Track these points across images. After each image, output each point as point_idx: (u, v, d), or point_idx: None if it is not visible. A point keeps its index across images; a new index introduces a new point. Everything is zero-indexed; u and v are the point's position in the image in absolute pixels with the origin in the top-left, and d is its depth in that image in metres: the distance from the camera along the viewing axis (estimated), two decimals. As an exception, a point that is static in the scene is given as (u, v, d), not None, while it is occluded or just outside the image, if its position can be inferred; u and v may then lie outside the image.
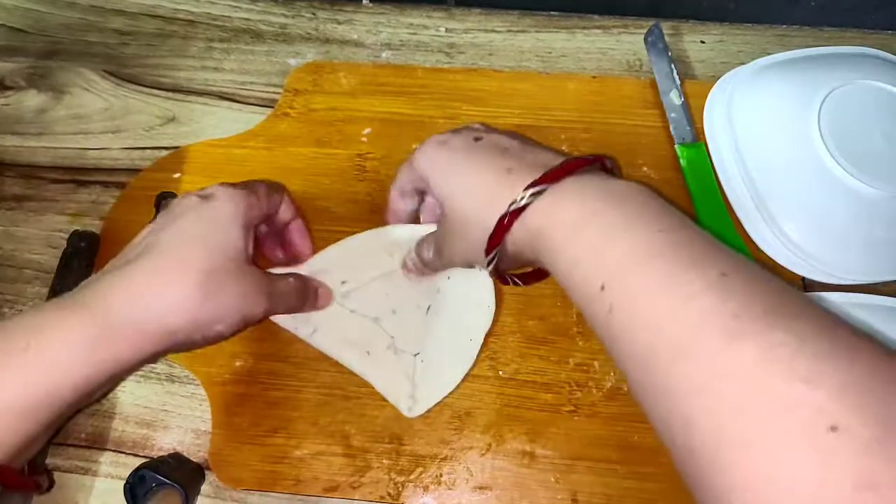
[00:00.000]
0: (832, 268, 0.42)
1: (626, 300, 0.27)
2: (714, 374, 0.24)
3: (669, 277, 0.27)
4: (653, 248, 0.28)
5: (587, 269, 0.29)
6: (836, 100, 0.44)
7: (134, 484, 0.38)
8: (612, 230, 0.29)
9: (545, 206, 0.31)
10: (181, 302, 0.33)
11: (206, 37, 0.55)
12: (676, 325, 0.25)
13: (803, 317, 0.24)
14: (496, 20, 0.55)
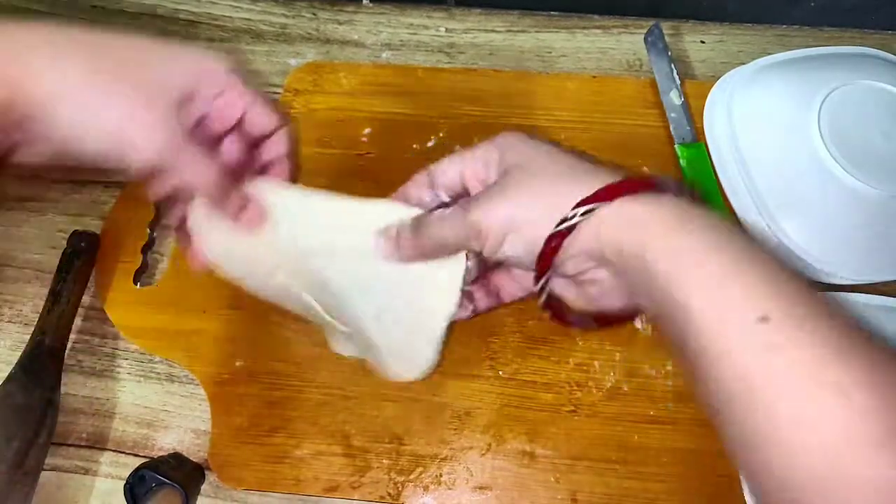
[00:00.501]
0: (832, 268, 0.42)
1: (798, 340, 0.24)
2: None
3: (835, 321, 0.24)
4: (805, 287, 0.25)
5: (740, 293, 0.25)
6: (836, 100, 0.44)
7: (134, 484, 0.38)
8: (748, 256, 0.26)
9: (638, 206, 0.27)
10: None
11: (207, 37, 0.55)
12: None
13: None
14: (496, 20, 0.56)
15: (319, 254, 0.34)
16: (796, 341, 0.24)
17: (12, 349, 0.45)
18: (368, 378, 0.42)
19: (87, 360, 0.44)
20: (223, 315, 0.44)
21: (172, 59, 0.31)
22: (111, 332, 0.45)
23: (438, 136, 0.49)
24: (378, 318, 0.34)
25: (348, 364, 0.42)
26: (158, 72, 0.31)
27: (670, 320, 0.26)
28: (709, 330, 0.25)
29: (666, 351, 0.41)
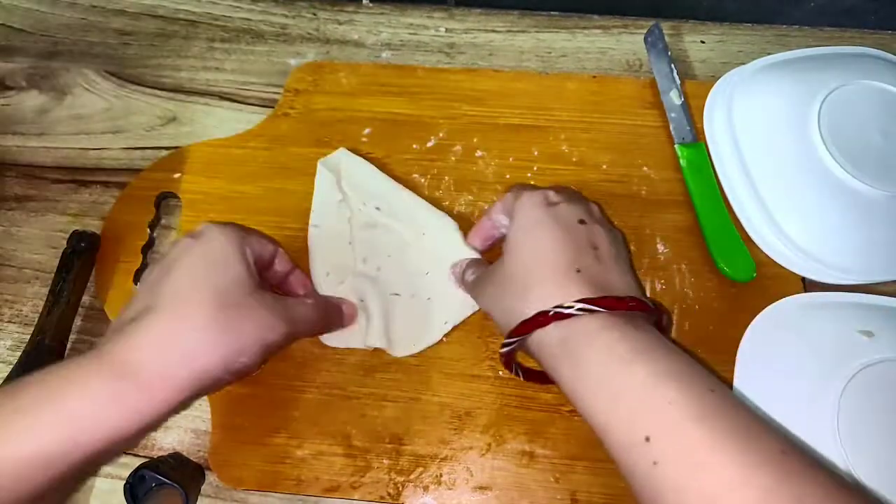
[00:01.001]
0: (832, 268, 0.42)
1: (676, 459, 0.27)
2: None
3: (728, 442, 0.26)
4: (707, 408, 0.27)
5: (630, 411, 0.28)
6: (836, 100, 0.44)
7: (134, 484, 0.38)
8: (659, 374, 0.29)
9: (593, 328, 0.31)
10: (203, 343, 0.33)
11: (207, 37, 0.55)
12: (735, 502, 0.25)
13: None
14: (496, 20, 0.56)
15: (377, 226, 0.45)
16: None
17: (12, 349, 0.45)
18: (369, 378, 0.42)
19: (88, 360, 0.44)
20: (223, 315, 0.44)
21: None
22: (111, 332, 0.45)
23: (438, 136, 0.49)
24: (410, 296, 0.43)
25: (349, 364, 0.42)
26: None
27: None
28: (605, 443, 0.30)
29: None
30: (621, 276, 0.35)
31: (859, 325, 0.39)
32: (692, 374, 0.29)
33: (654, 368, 0.29)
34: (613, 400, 0.29)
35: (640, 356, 0.30)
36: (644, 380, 0.29)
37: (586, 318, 0.31)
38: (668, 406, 0.28)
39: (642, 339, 0.31)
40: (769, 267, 0.44)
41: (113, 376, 0.31)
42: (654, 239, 0.45)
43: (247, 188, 0.47)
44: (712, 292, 0.44)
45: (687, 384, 0.28)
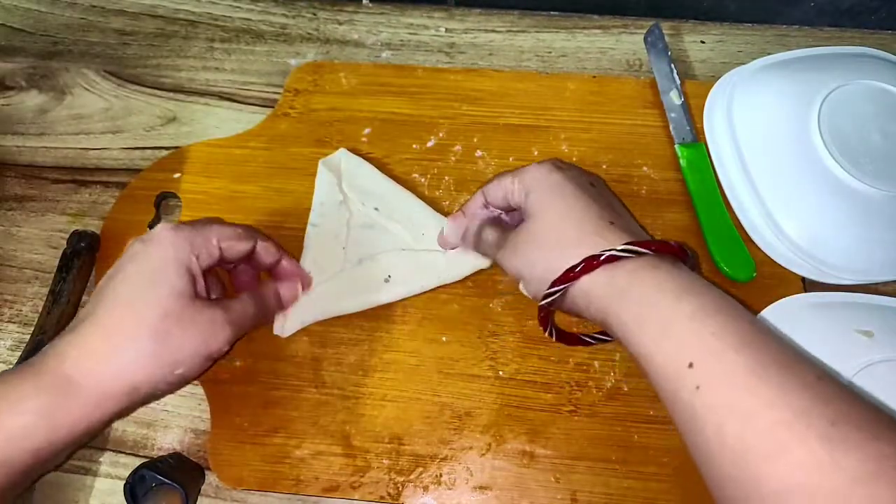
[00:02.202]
0: (832, 268, 0.42)
1: (717, 382, 0.28)
2: (811, 480, 0.24)
3: (765, 369, 0.27)
4: (747, 336, 0.29)
5: (676, 341, 0.30)
6: (836, 100, 0.44)
7: (134, 484, 0.38)
8: (705, 308, 0.30)
9: (639, 268, 0.33)
10: (137, 357, 0.33)
11: (206, 37, 0.55)
12: (771, 419, 0.26)
13: (891, 427, 0.25)
14: (496, 20, 0.56)
15: (375, 227, 0.45)
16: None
17: (12, 349, 0.45)
18: (368, 378, 0.42)
19: (87, 360, 0.44)
20: (223, 315, 0.44)
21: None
22: (111, 332, 0.45)
23: (438, 136, 0.49)
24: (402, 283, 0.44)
25: (348, 364, 0.42)
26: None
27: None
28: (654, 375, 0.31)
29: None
30: (640, 229, 0.37)
31: (859, 325, 0.39)
32: (733, 309, 0.30)
33: (699, 303, 0.31)
34: (662, 331, 0.31)
35: (686, 293, 0.31)
36: (691, 313, 0.30)
37: (633, 260, 0.33)
38: (710, 336, 0.29)
39: (686, 278, 0.32)
40: (769, 267, 0.44)
41: (45, 391, 0.31)
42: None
43: (247, 188, 0.47)
44: (712, 292, 0.44)
45: (728, 318, 0.30)
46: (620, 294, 0.33)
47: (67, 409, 0.31)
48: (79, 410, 0.32)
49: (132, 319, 0.33)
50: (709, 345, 0.29)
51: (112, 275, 0.35)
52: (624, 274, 0.33)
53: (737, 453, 0.27)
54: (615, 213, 0.36)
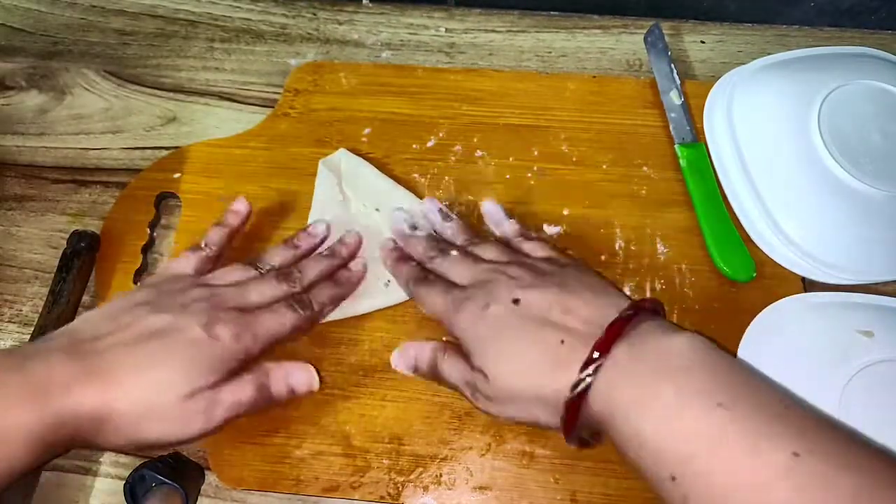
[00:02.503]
0: (832, 268, 0.42)
1: (700, 492, 0.27)
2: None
3: (740, 464, 0.27)
4: (717, 431, 0.28)
5: (655, 456, 0.29)
6: (836, 100, 0.44)
7: (134, 484, 0.38)
8: (671, 410, 0.29)
9: (606, 384, 0.31)
10: (161, 429, 0.34)
11: (206, 37, 0.55)
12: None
13: (870, 489, 0.25)
14: (496, 20, 0.56)
15: (375, 228, 0.45)
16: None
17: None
18: (369, 378, 0.42)
19: (87, 360, 0.44)
20: (223, 315, 0.44)
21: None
22: (111, 332, 0.45)
23: (438, 136, 0.49)
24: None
25: (348, 364, 0.42)
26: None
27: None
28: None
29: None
30: (588, 300, 0.34)
31: (859, 325, 0.39)
32: (698, 397, 0.29)
33: (661, 405, 0.29)
34: (638, 446, 0.30)
35: (639, 407, 0.30)
36: (656, 423, 0.29)
37: (599, 378, 0.31)
38: (684, 444, 0.28)
39: (647, 370, 0.31)
40: (769, 267, 0.44)
41: (54, 429, 0.31)
42: (654, 239, 0.45)
43: (247, 188, 0.47)
44: (712, 292, 0.44)
45: (698, 406, 0.29)
46: (593, 412, 0.32)
47: (63, 443, 0.32)
48: (72, 445, 0.33)
49: (167, 392, 0.34)
50: (684, 454, 0.28)
51: (147, 330, 0.35)
52: (596, 395, 0.31)
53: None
54: (555, 320, 0.34)
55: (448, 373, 0.37)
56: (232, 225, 0.43)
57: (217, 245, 0.42)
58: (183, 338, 0.35)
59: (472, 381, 0.36)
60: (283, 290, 0.40)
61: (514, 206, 0.46)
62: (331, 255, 0.43)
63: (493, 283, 0.36)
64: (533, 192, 0.47)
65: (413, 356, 0.40)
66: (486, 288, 0.36)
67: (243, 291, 0.39)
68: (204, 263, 0.41)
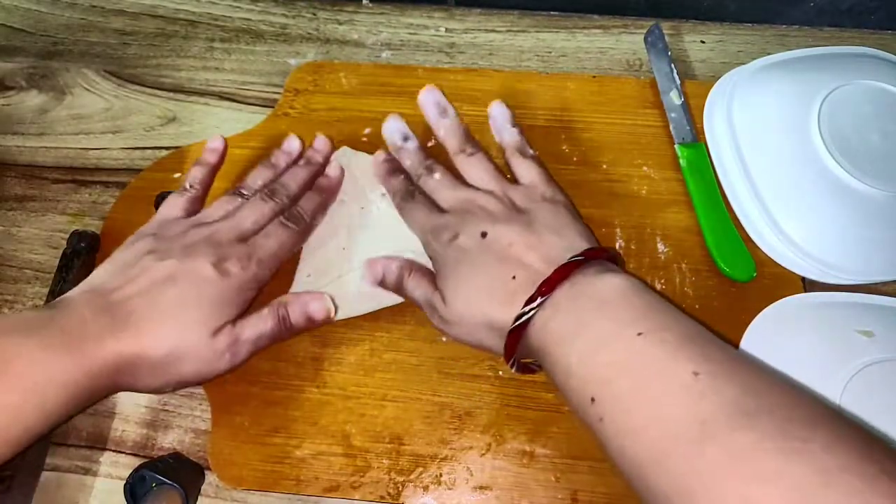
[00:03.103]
0: (832, 268, 0.42)
1: (613, 411, 0.30)
2: (687, 477, 0.26)
3: (647, 384, 0.29)
4: (631, 356, 0.30)
5: (578, 382, 0.32)
6: (836, 100, 0.44)
7: (134, 484, 0.38)
8: (597, 341, 0.32)
9: (544, 318, 0.34)
10: (194, 367, 0.36)
11: (206, 37, 0.55)
12: (656, 432, 0.28)
13: (770, 412, 0.26)
14: (496, 20, 0.56)
15: (375, 227, 0.45)
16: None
17: (12, 349, 0.45)
18: (369, 378, 0.42)
19: (87, 360, 0.44)
20: (223, 315, 0.44)
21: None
22: (111, 332, 0.45)
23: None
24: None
25: (348, 364, 0.42)
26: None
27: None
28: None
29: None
30: (550, 241, 0.37)
31: (859, 325, 0.39)
32: (622, 329, 0.32)
33: (595, 335, 0.32)
34: (566, 372, 0.33)
35: (570, 339, 0.33)
36: (584, 349, 0.32)
37: (541, 313, 0.34)
38: (604, 367, 0.31)
39: (582, 307, 0.33)
40: (769, 267, 0.44)
41: (90, 377, 0.34)
42: (654, 239, 0.45)
43: (247, 188, 0.47)
44: (712, 292, 0.44)
45: (616, 340, 0.31)
46: (531, 342, 0.35)
47: (98, 390, 0.35)
48: (107, 391, 0.36)
49: (197, 330, 0.37)
50: (603, 377, 0.31)
51: (164, 274, 0.37)
52: (535, 327, 0.34)
53: (633, 468, 0.29)
54: (515, 256, 0.36)
55: (412, 289, 0.40)
56: (210, 162, 0.45)
57: (200, 183, 0.44)
58: (195, 279, 0.37)
59: (432, 300, 0.39)
60: (271, 208, 0.42)
61: (515, 206, 0.46)
62: (307, 163, 0.45)
63: (468, 215, 0.39)
64: (533, 192, 0.47)
65: (381, 270, 0.41)
66: (460, 217, 0.39)
67: (238, 221, 0.41)
68: (192, 204, 0.43)
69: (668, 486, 0.27)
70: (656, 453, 0.27)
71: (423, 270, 0.41)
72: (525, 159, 0.43)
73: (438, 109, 0.45)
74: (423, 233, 0.41)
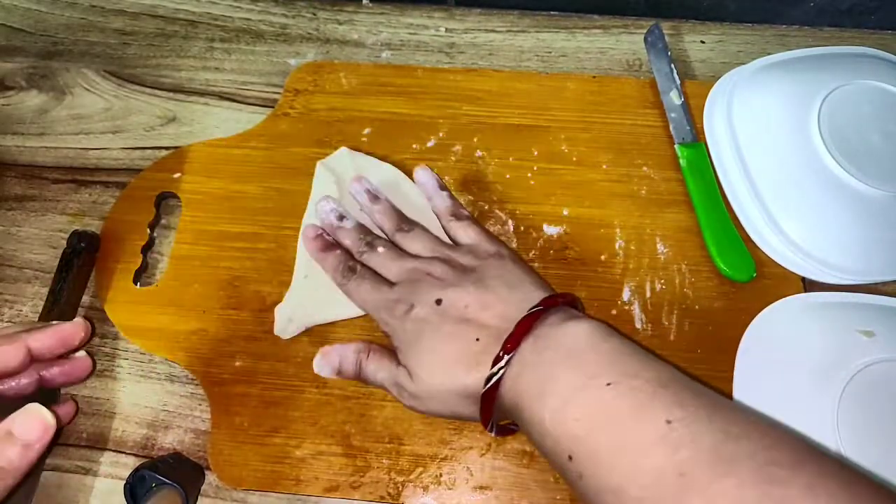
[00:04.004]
0: (832, 268, 0.42)
1: (591, 468, 0.29)
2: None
3: (622, 438, 0.29)
4: (604, 408, 0.30)
5: (552, 440, 0.31)
6: (836, 100, 0.44)
7: (134, 484, 0.38)
8: (567, 396, 0.31)
9: (512, 376, 0.33)
10: None
11: (206, 37, 0.55)
12: (636, 490, 0.28)
13: (750, 456, 0.26)
14: (496, 20, 0.56)
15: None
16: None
17: (12, 349, 0.45)
18: (368, 378, 0.42)
19: (87, 360, 0.44)
20: (223, 315, 0.44)
21: None
22: (111, 332, 0.45)
23: (438, 136, 0.49)
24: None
25: (348, 364, 0.42)
26: None
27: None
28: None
29: (663, 349, 0.41)
30: (503, 296, 0.36)
31: (859, 325, 0.39)
32: (591, 380, 0.31)
33: (560, 393, 0.31)
34: (540, 434, 0.32)
35: (540, 395, 0.32)
36: (554, 407, 0.31)
37: (510, 370, 0.33)
38: (574, 423, 0.31)
39: (547, 361, 0.33)
40: (769, 267, 0.44)
41: None
42: (654, 239, 0.45)
43: (247, 188, 0.47)
44: (712, 292, 0.44)
45: (586, 393, 0.31)
46: (505, 402, 0.34)
47: None
48: None
49: None
50: (577, 434, 0.30)
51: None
52: (504, 382, 0.34)
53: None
54: (472, 318, 0.36)
55: (373, 373, 0.38)
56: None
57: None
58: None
59: (398, 378, 0.37)
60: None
61: (515, 206, 0.46)
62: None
63: (418, 284, 0.38)
64: (533, 192, 0.47)
65: (337, 359, 0.39)
66: (411, 288, 0.38)
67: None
68: None
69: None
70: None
71: (381, 350, 0.39)
72: (461, 221, 0.42)
73: (370, 197, 0.43)
74: (376, 310, 0.39)
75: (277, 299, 0.44)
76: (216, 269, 0.45)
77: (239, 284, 0.45)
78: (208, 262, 0.45)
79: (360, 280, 0.40)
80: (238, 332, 0.43)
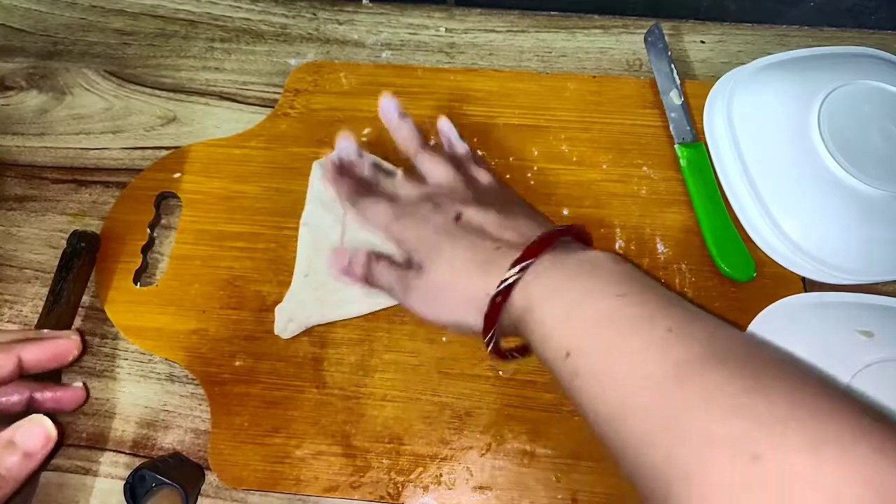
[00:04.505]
0: (832, 268, 0.42)
1: (587, 364, 0.30)
2: (659, 418, 0.26)
3: (625, 338, 0.29)
4: (611, 314, 0.31)
5: (555, 338, 0.32)
6: (836, 100, 0.44)
7: (134, 484, 0.38)
8: (578, 300, 0.32)
9: (525, 283, 0.34)
10: None
11: (206, 37, 0.55)
12: (632, 381, 0.28)
13: (743, 357, 0.27)
14: (496, 20, 0.56)
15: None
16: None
17: (12, 349, 0.45)
18: (368, 378, 0.42)
19: (87, 361, 0.44)
20: (223, 315, 0.44)
21: None
22: (111, 332, 0.45)
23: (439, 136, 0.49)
24: None
25: (348, 364, 0.42)
26: None
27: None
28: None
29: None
30: (522, 222, 0.37)
31: (859, 325, 0.39)
32: (602, 290, 0.32)
33: (570, 298, 0.32)
34: (542, 335, 0.33)
35: (552, 298, 0.32)
36: (562, 312, 0.32)
37: (525, 277, 0.34)
38: (581, 323, 0.31)
39: (567, 270, 0.33)
40: (769, 267, 0.44)
41: None
42: (654, 239, 0.45)
43: (247, 188, 0.47)
44: (712, 292, 0.44)
45: (595, 300, 0.32)
46: (513, 307, 0.34)
47: None
48: None
49: None
50: (579, 333, 0.31)
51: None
52: (519, 291, 0.34)
53: (607, 420, 0.29)
54: (491, 234, 0.36)
55: (379, 275, 0.39)
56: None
57: None
58: None
59: (406, 278, 0.37)
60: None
61: (515, 206, 0.46)
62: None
63: (438, 199, 0.39)
64: (533, 192, 0.47)
65: (346, 259, 0.39)
66: (431, 201, 0.39)
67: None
68: None
69: (641, 429, 0.27)
70: (631, 399, 0.28)
71: (391, 259, 0.39)
72: (480, 167, 0.42)
73: (399, 113, 0.44)
74: (388, 221, 0.39)
75: (277, 299, 0.44)
76: (216, 269, 0.45)
77: (239, 284, 0.45)
78: (208, 261, 0.45)
79: (376, 199, 0.40)
80: (238, 332, 0.43)
